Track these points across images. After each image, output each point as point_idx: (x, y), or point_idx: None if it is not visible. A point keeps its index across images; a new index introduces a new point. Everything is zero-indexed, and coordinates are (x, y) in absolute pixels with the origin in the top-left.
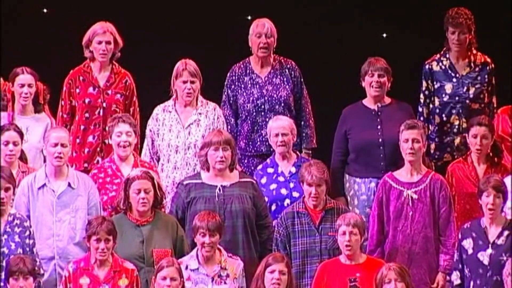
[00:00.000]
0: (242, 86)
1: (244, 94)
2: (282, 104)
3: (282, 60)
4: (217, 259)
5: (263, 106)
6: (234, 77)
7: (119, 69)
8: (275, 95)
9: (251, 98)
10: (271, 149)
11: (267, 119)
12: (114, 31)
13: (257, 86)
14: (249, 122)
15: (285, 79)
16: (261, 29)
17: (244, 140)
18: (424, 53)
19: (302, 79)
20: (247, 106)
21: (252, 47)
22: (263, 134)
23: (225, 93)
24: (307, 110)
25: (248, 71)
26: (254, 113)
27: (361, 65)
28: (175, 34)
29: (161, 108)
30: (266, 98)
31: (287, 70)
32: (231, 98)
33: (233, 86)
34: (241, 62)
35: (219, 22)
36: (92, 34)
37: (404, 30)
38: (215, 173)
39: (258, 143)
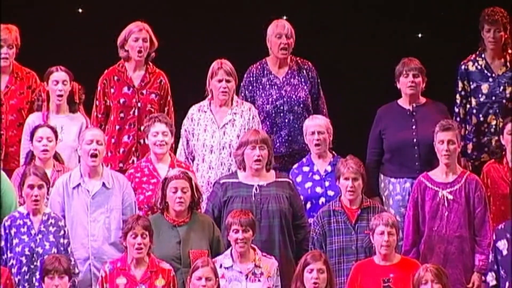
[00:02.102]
0: (260, 87)
1: (263, 95)
2: (301, 105)
3: (299, 61)
4: (251, 257)
5: (282, 107)
6: (251, 78)
7: (153, 69)
8: (294, 96)
9: (270, 99)
10: (290, 150)
11: (286, 120)
12: (149, 30)
13: (275, 87)
14: (268, 123)
15: (302, 79)
16: (281, 30)
17: None
18: (460, 53)
19: (319, 80)
20: (266, 107)
21: (271, 48)
22: (282, 135)
23: (242, 94)
24: (324, 111)
25: (265, 72)
26: (273, 114)
27: (397, 65)
28: (210, 34)
29: (196, 108)
30: (285, 99)
31: (304, 71)
32: (249, 99)
33: (250, 87)
34: (258, 63)
35: (253, 22)
36: (128, 33)
37: (439, 30)
38: (252, 173)
39: (278, 144)
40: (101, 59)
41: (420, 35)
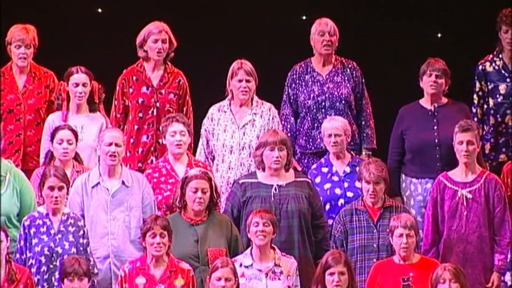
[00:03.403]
0: (303, 84)
1: (305, 91)
2: (343, 102)
3: (344, 60)
4: (271, 256)
5: (323, 103)
6: (295, 76)
7: (172, 69)
8: (336, 93)
9: (311, 95)
10: None
11: (327, 116)
12: (168, 31)
13: (318, 83)
14: (309, 119)
15: (346, 77)
16: (324, 27)
17: (304, 137)
18: (479, 53)
19: (363, 80)
20: (307, 103)
21: (314, 46)
22: None
23: (286, 92)
24: (368, 110)
25: (309, 70)
26: (315, 110)
27: (416, 65)
28: (229, 34)
29: (216, 107)
30: (327, 95)
31: (348, 70)
32: (291, 97)
33: (293, 85)
34: (302, 62)
35: (273, 22)
36: (147, 33)
37: (459, 30)
38: (271, 173)
39: (318, 140)
40: (120, 58)
41: (439, 35)
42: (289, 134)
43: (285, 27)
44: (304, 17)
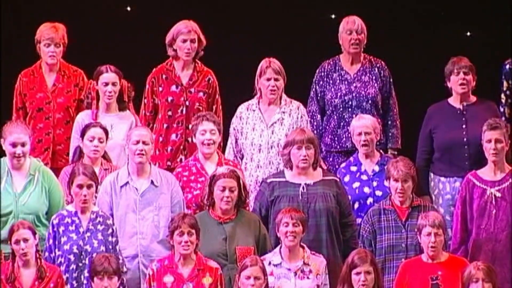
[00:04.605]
0: (331, 82)
1: (332, 89)
2: (370, 102)
3: (372, 59)
4: (300, 254)
5: (350, 102)
6: (323, 73)
7: (202, 67)
8: (363, 92)
9: (338, 94)
10: None
11: (353, 115)
12: (198, 30)
13: (346, 82)
14: (335, 117)
15: (374, 77)
16: (352, 26)
17: (329, 136)
18: (508, 51)
19: (391, 79)
20: (334, 101)
21: (342, 44)
22: (349, 130)
23: (313, 89)
24: (395, 110)
25: (337, 68)
26: (341, 109)
27: (444, 64)
28: (258, 33)
29: (245, 106)
30: (354, 94)
31: (376, 69)
32: (319, 94)
33: (321, 82)
34: (330, 59)
35: (302, 21)
36: (176, 32)
37: (488, 29)
38: (299, 172)
39: (344, 139)
40: (149, 57)
41: (468, 34)
42: (315, 131)
43: (314, 26)
44: (333, 16)
